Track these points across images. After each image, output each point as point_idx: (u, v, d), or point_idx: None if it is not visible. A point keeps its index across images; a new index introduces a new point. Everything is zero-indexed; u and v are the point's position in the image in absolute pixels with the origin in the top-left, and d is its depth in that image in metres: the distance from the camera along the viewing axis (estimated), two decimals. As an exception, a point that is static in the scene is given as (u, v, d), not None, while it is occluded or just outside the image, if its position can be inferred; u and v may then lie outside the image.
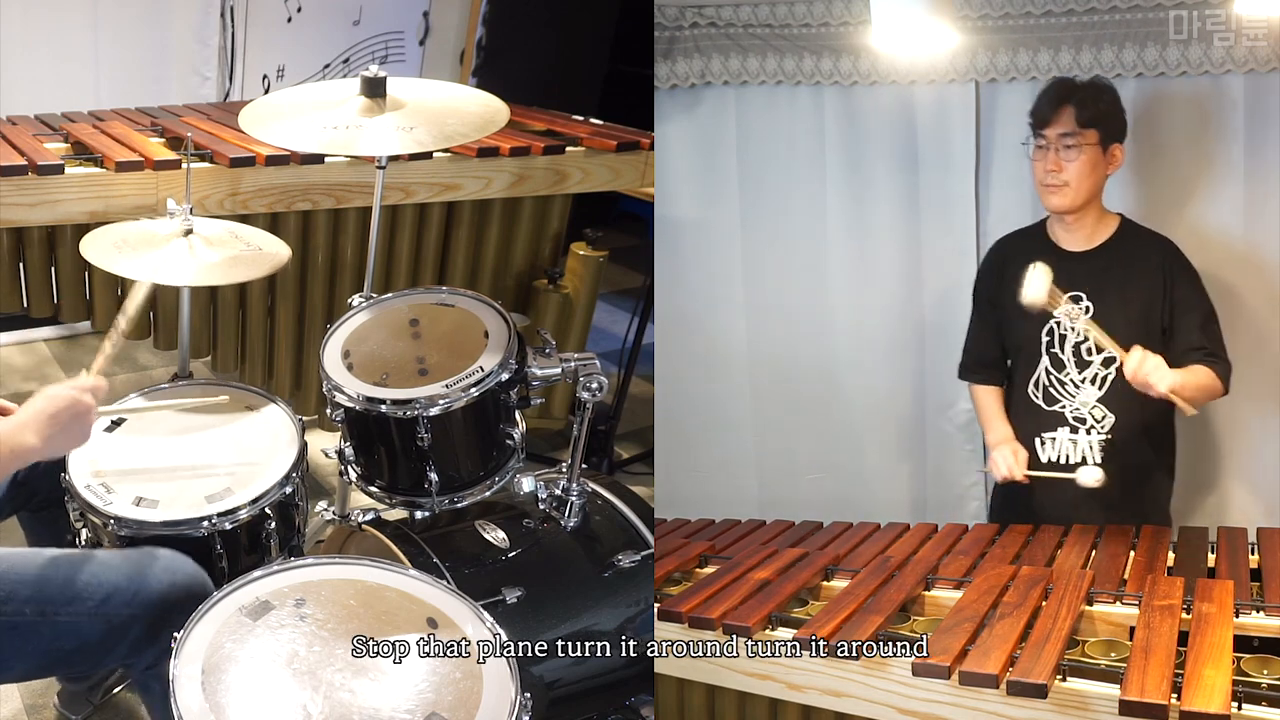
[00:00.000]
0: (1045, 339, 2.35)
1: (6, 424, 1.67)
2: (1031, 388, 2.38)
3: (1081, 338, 2.32)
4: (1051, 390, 2.36)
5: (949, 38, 2.37)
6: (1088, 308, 2.31)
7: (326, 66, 4.47)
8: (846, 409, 2.96)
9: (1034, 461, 2.35)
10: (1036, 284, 2.18)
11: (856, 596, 1.83)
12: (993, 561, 2.03)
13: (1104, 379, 2.32)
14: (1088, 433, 2.33)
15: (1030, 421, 2.39)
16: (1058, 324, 2.34)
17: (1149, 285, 2.30)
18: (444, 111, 2.39)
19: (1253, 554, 1.98)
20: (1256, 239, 2.53)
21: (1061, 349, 2.34)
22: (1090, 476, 2.23)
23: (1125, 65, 2.52)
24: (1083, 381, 2.33)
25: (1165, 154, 2.58)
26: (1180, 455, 2.44)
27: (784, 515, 2.52)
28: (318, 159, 2.76)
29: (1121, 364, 2.18)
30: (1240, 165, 2.51)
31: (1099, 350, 2.30)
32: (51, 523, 2.12)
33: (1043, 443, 2.37)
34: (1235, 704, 1.40)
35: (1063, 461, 2.35)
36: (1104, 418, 2.32)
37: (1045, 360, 2.36)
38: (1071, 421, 2.34)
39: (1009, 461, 2.34)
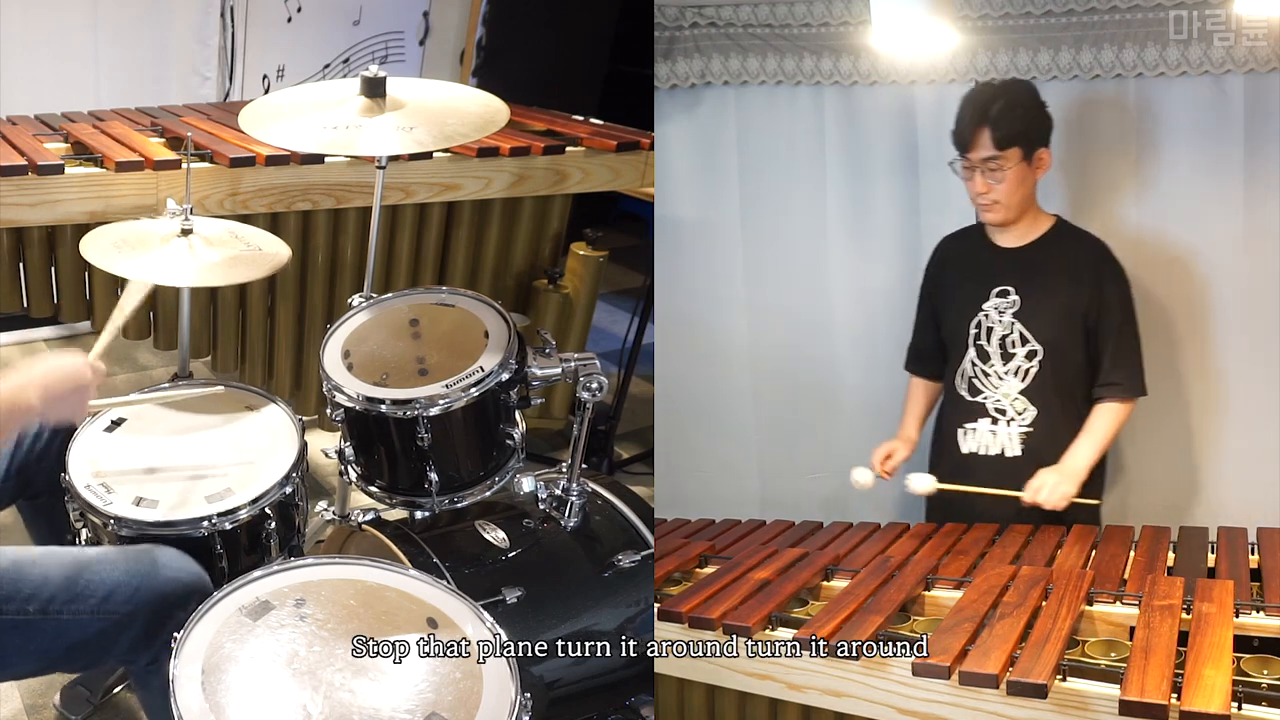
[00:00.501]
0: (973, 331, 2.38)
1: (9, 380, 1.67)
2: (958, 379, 2.42)
3: (1007, 330, 2.35)
4: (975, 381, 2.39)
5: (949, 38, 2.37)
6: (1015, 301, 2.35)
7: (326, 66, 4.47)
8: (846, 409, 2.96)
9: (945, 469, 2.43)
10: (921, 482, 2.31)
11: (856, 596, 1.83)
12: (993, 561, 2.03)
13: (1027, 371, 2.34)
14: (1008, 424, 2.36)
15: (955, 412, 2.44)
16: (985, 316, 2.37)
17: (1076, 283, 2.34)
18: (444, 111, 2.39)
19: (1253, 554, 1.98)
20: (1256, 238, 2.53)
21: (988, 341, 2.37)
22: (920, 484, 2.37)
23: (1125, 65, 2.52)
24: (1006, 373, 2.36)
25: (1165, 154, 2.58)
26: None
27: (784, 515, 2.53)
28: (318, 159, 2.76)
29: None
30: (1240, 165, 2.51)
31: (1024, 343, 2.33)
32: (49, 510, 2.13)
33: (964, 433, 2.41)
34: (1235, 704, 1.40)
35: (982, 453, 2.38)
36: (1024, 410, 2.35)
37: (971, 352, 2.39)
38: (992, 413, 2.38)
39: (878, 456, 2.46)
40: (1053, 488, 2.24)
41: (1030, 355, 2.34)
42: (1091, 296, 2.32)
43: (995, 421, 2.37)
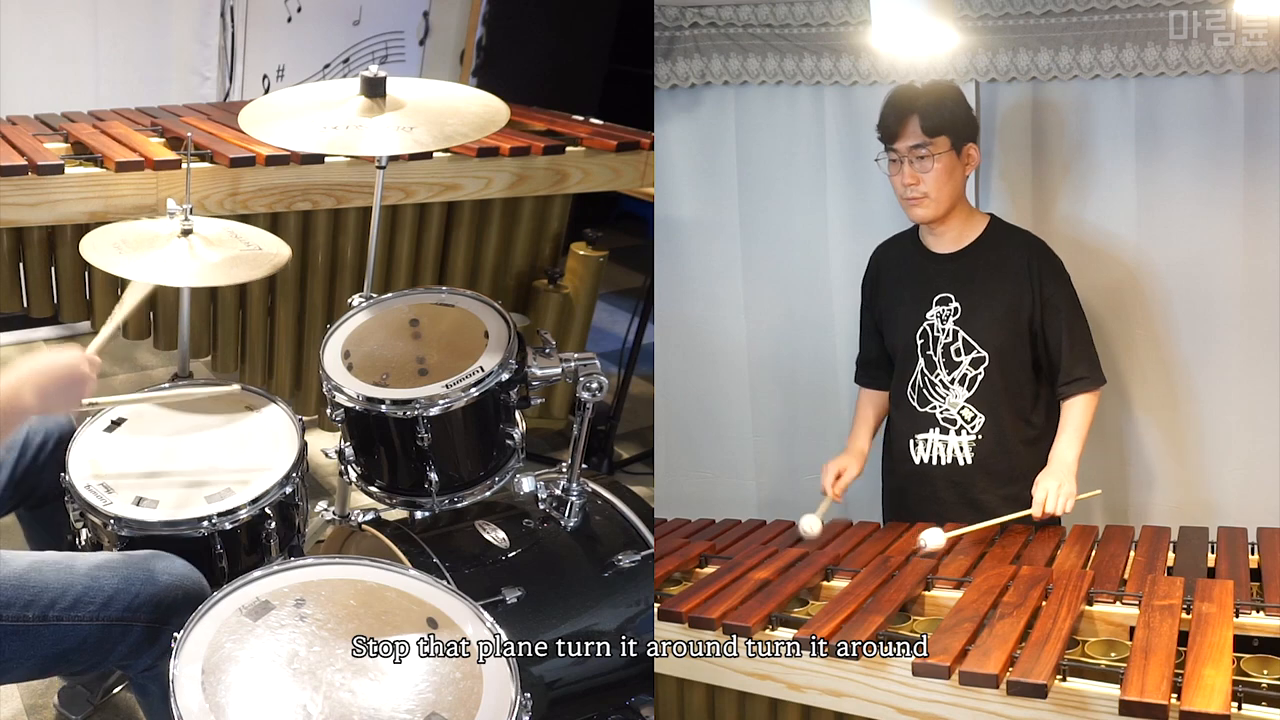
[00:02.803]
0: (920, 342, 2.37)
1: (3, 379, 1.67)
2: (909, 390, 2.40)
3: (950, 339, 2.34)
4: (924, 392, 2.38)
5: (949, 38, 2.36)
6: (956, 309, 2.33)
7: (326, 66, 4.47)
8: (846, 409, 2.95)
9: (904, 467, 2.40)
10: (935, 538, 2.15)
11: (856, 596, 1.83)
12: (993, 561, 2.03)
13: (973, 379, 2.33)
14: (958, 433, 2.35)
15: (906, 423, 2.41)
16: (931, 327, 2.36)
17: (1015, 284, 2.32)
18: (444, 111, 2.39)
19: (1253, 554, 1.98)
20: (1256, 239, 2.53)
21: (934, 351, 2.36)
22: (807, 525, 2.26)
23: (1125, 65, 2.52)
24: (952, 382, 2.35)
25: (1165, 154, 2.58)
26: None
27: (784, 515, 2.52)
28: (318, 159, 2.76)
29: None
30: (1240, 165, 2.51)
31: (967, 351, 2.32)
32: (49, 518, 2.13)
33: (915, 444, 2.39)
34: (1235, 704, 1.40)
35: (935, 462, 2.37)
36: (973, 418, 2.34)
37: (920, 362, 2.38)
38: (942, 423, 2.36)
39: (828, 477, 2.40)
40: (1056, 493, 2.21)
41: (976, 363, 2.33)
42: (1034, 297, 2.31)
43: (945, 431, 2.36)
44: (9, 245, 2.61)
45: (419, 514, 2.22)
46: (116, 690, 2.32)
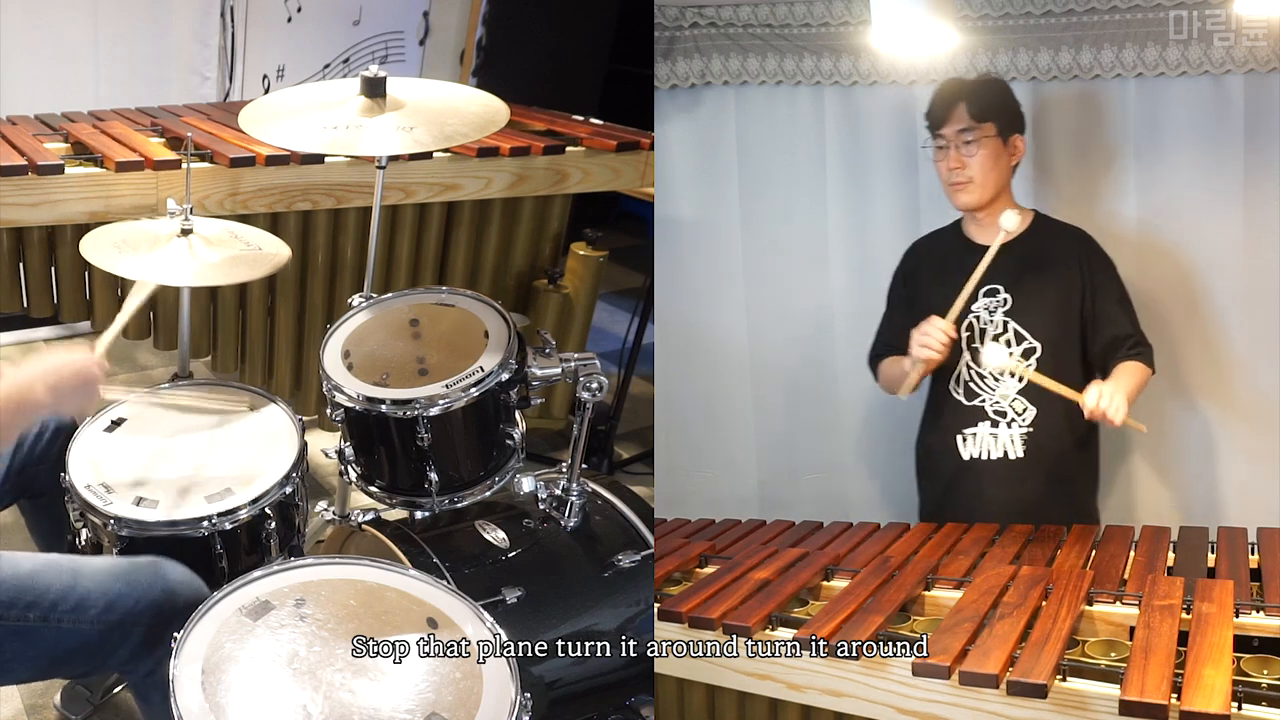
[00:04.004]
0: (965, 334, 2.36)
1: (16, 375, 1.67)
2: (953, 384, 2.39)
3: (1000, 329, 2.33)
4: (971, 385, 2.37)
5: (949, 38, 2.37)
6: (1005, 299, 2.33)
7: (326, 66, 4.47)
8: (846, 409, 2.96)
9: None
10: (997, 355, 2.24)
11: (856, 596, 1.83)
12: (993, 561, 2.03)
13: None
14: (1009, 426, 2.34)
15: (952, 418, 2.40)
16: (976, 318, 2.35)
17: (1066, 276, 2.33)
18: (444, 111, 2.39)
19: (1253, 554, 1.98)
20: (1256, 239, 2.53)
21: (981, 342, 2.35)
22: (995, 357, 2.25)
23: (1125, 65, 2.53)
24: (1001, 375, 2.33)
25: (1165, 154, 2.58)
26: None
27: (784, 515, 2.52)
28: (318, 159, 2.76)
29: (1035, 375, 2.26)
30: (1240, 165, 2.51)
31: (1018, 342, 2.32)
32: (50, 509, 2.13)
33: (964, 439, 2.37)
34: (1235, 704, 1.40)
35: (985, 457, 2.35)
36: (1024, 410, 2.33)
37: (966, 355, 2.36)
38: (992, 416, 2.35)
39: (933, 334, 2.25)
40: (1111, 395, 2.15)
41: (1027, 353, 2.32)
42: (1085, 285, 2.31)
43: (995, 424, 2.35)
44: (9, 245, 2.61)
45: (419, 514, 2.22)
46: (117, 691, 2.32)
